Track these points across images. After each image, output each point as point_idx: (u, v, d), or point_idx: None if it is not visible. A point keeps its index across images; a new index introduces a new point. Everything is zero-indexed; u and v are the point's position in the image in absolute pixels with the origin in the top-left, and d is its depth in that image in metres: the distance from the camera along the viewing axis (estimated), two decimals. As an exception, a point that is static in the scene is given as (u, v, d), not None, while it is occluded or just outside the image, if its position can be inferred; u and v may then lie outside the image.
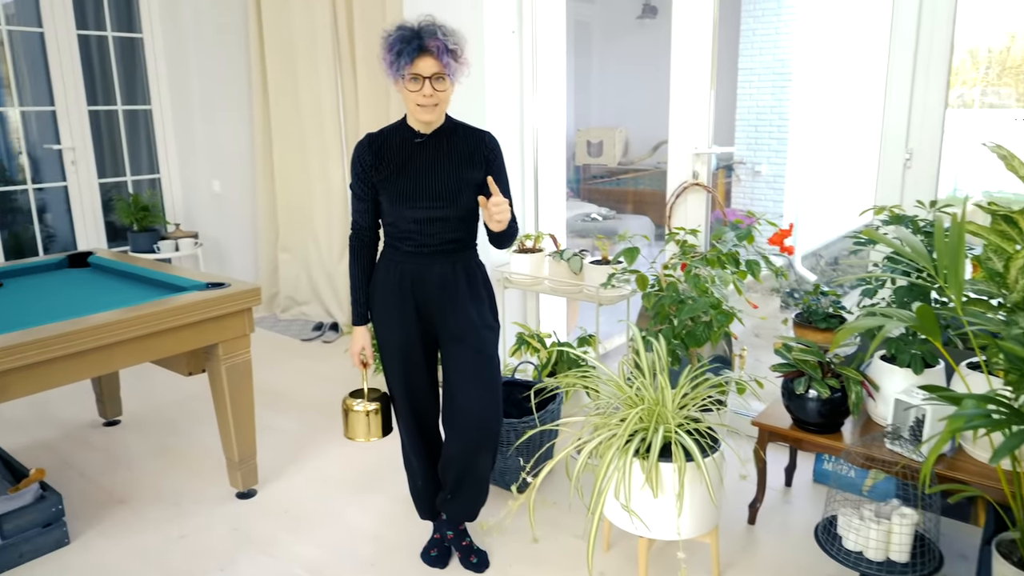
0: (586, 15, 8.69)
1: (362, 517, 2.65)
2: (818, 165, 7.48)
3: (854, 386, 2.29)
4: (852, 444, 2.28)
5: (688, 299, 2.66)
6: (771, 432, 2.48)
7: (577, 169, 9.05)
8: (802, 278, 7.33)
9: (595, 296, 3.19)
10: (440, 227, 2.11)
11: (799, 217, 7.43)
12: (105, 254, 3.18)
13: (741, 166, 7.63)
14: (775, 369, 2.46)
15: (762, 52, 7.29)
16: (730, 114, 7.52)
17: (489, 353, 2.22)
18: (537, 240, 3.58)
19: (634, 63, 8.60)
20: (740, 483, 2.75)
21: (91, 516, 2.66)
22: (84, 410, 3.55)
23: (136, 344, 2.37)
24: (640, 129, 8.75)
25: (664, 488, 2.07)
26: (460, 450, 2.23)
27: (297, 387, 3.88)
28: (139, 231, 4.65)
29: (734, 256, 2.80)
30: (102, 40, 4.70)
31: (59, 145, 4.55)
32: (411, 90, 2.00)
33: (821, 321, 2.57)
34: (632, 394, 2.23)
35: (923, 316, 1.69)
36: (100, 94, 4.75)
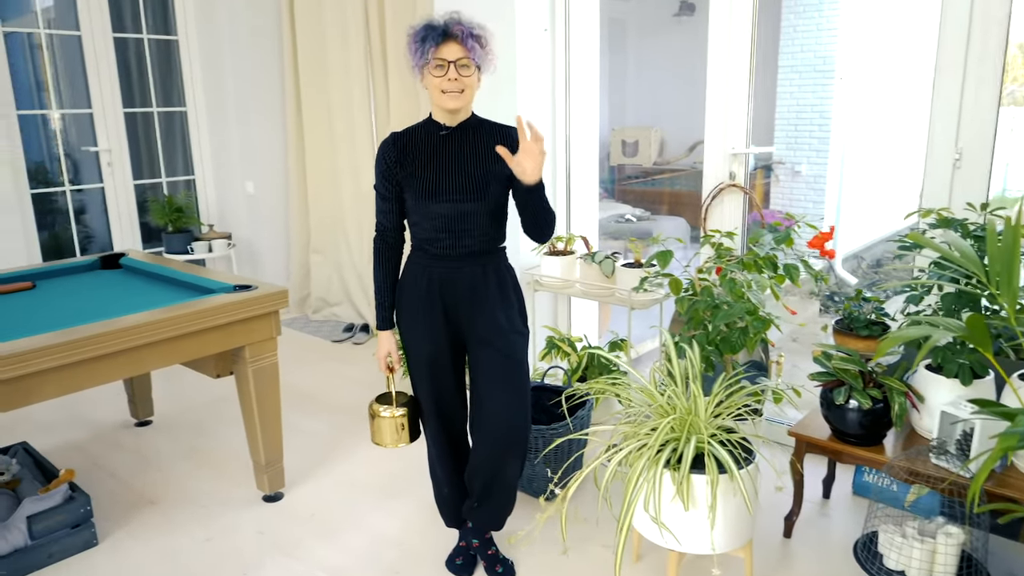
0: (621, 13, 8.58)
1: (388, 523, 2.61)
2: (861, 165, 7.28)
3: (897, 397, 2.18)
4: (895, 458, 2.17)
5: (723, 304, 2.57)
6: (809, 443, 2.39)
7: (612, 169, 8.95)
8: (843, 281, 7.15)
9: (627, 300, 3.11)
10: (469, 223, 2.06)
11: (840, 218, 7.24)
12: (137, 256, 3.20)
13: (780, 166, 7.46)
14: (813, 378, 2.36)
15: (803, 48, 7.11)
16: (769, 113, 7.36)
17: (518, 358, 2.16)
18: (569, 242, 3.52)
19: (671, 61, 8.46)
20: (775, 495, 2.65)
21: (120, 517, 2.68)
22: (116, 411, 3.58)
23: (164, 346, 2.36)
24: (676, 129, 8.60)
25: (696, 501, 1.99)
26: (487, 457, 2.18)
27: (326, 389, 3.87)
28: (173, 232, 4.70)
29: (772, 260, 2.70)
30: (139, 43, 4.76)
31: (96, 147, 4.62)
32: (436, 76, 1.97)
33: (863, 328, 2.47)
34: (664, 402, 2.15)
35: (974, 326, 1.59)
36: (137, 96, 4.82)
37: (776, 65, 7.21)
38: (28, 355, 2.04)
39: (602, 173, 9.01)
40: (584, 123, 3.76)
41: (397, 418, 2.20)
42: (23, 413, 3.57)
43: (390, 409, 2.20)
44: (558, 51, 3.58)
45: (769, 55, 7.25)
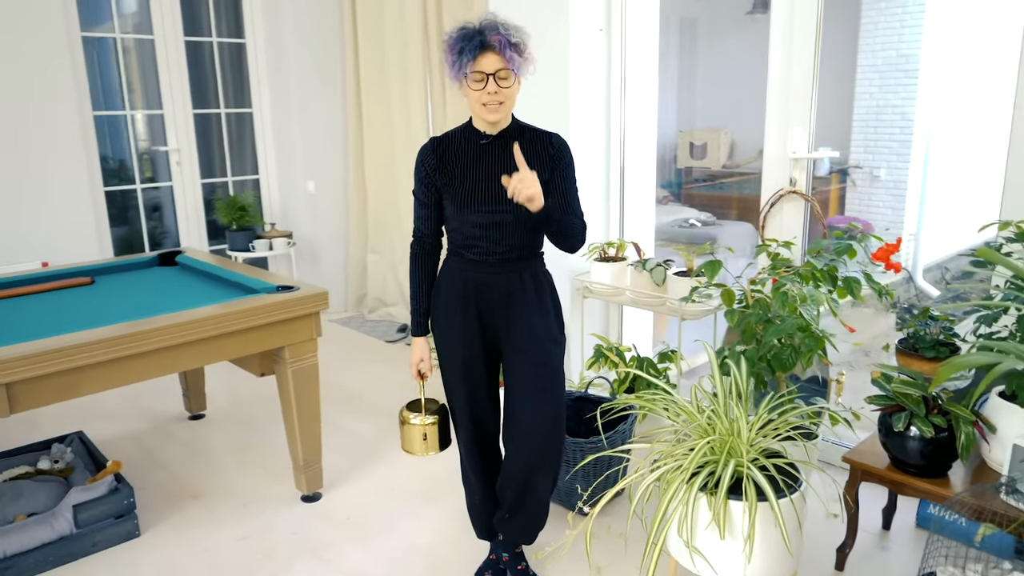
0: (693, 11, 8.37)
1: (420, 530, 2.58)
2: (946, 170, 6.85)
3: (964, 426, 2.00)
4: (959, 493, 1.99)
5: (776, 318, 2.43)
6: (865, 471, 2.22)
7: (679, 172, 8.74)
8: (924, 294, 6.75)
9: (678, 310, 2.99)
10: (506, 232, 2.01)
11: (923, 226, 6.84)
12: (193, 254, 3.28)
13: (857, 170, 7.10)
14: (871, 401, 2.19)
15: (884, 47, 6.75)
16: (846, 114, 7.01)
17: (553, 367, 2.10)
18: (620, 248, 3.42)
19: (743, 61, 8.18)
20: (830, 522, 2.49)
21: (164, 509, 2.74)
22: (175, 403, 3.68)
23: (204, 345, 2.40)
24: (747, 131, 8.32)
25: (733, 529, 1.87)
26: (519, 468, 2.11)
27: (374, 390, 3.88)
28: (236, 230, 4.82)
29: (831, 273, 2.53)
30: (209, 46, 4.91)
31: (166, 147, 4.78)
32: (475, 89, 1.91)
33: (928, 349, 2.28)
34: (703, 422, 2.04)
35: (1045, 355, 1.43)
36: (208, 98, 4.97)
37: (855, 64, 6.87)
38: (68, 351, 2.09)
39: (668, 176, 8.81)
40: (641, 125, 3.65)
41: (427, 426, 2.17)
42: (90, 402, 3.72)
43: (420, 416, 2.17)
44: (614, 52, 3.48)
45: (847, 54, 6.91)
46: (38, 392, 2.10)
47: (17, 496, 2.49)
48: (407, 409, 2.21)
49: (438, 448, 2.20)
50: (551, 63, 3.39)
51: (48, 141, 4.12)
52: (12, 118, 3.99)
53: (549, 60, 3.40)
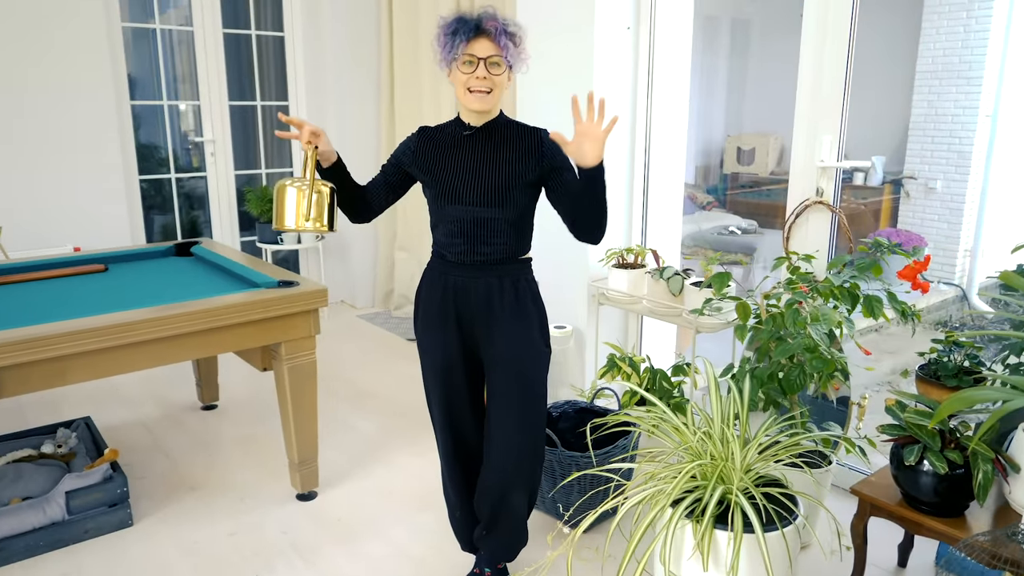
0: (746, 13, 8.12)
1: (410, 537, 2.52)
2: (1008, 183, 6.47)
3: (982, 464, 1.84)
4: (973, 536, 1.83)
5: (788, 336, 2.29)
6: (874, 505, 2.07)
7: (725, 177, 8.50)
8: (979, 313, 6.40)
9: (693, 322, 2.86)
10: (487, 229, 1.93)
11: (980, 241, 6.48)
12: (209, 245, 3.29)
13: (912, 181, 6.77)
14: (883, 430, 2.04)
15: (946, 52, 6.41)
16: (902, 122, 6.70)
17: (532, 380, 2.00)
18: (639, 255, 3.30)
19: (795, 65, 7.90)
20: (840, 556, 2.34)
21: (160, 499, 2.75)
22: (189, 392, 3.72)
23: (199, 337, 2.38)
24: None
25: (718, 560, 1.76)
26: (493, 485, 2.04)
27: (387, 388, 3.85)
28: (266, 222, 4.85)
29: (852, 290, 2.38)
30: (248, 39, 4.96)
31: (201, 138, 4.84)
32: (464, 72, 1.84)
33: (950, 378, 2.11)
34: (694, 444, 1.93)
35: (1057, 395, 1.28)
36: (248, 89, 5.02)
37: (913, 70, 6.55)
38: (59, 338, 2.10)
39: (714, 181, 8.58)
40: (670, 129, 3.51)
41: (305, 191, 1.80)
42: (108, 387, 3.79)
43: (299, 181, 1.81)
44: (642, 51, 3.36)
45: (906, 59, 6.60)
46: (26, 378, 2.11)
47: (17, 479, 2.53)
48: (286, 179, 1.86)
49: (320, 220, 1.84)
50: (576, 61, 3.29)
51: (85, 130, 4.21)
52: (50, 106, 4.09)
53: (574, 58, 3.30)
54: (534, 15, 3.46)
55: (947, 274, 6.53)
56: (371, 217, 2.08)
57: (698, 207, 7.62)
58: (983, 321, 6.32)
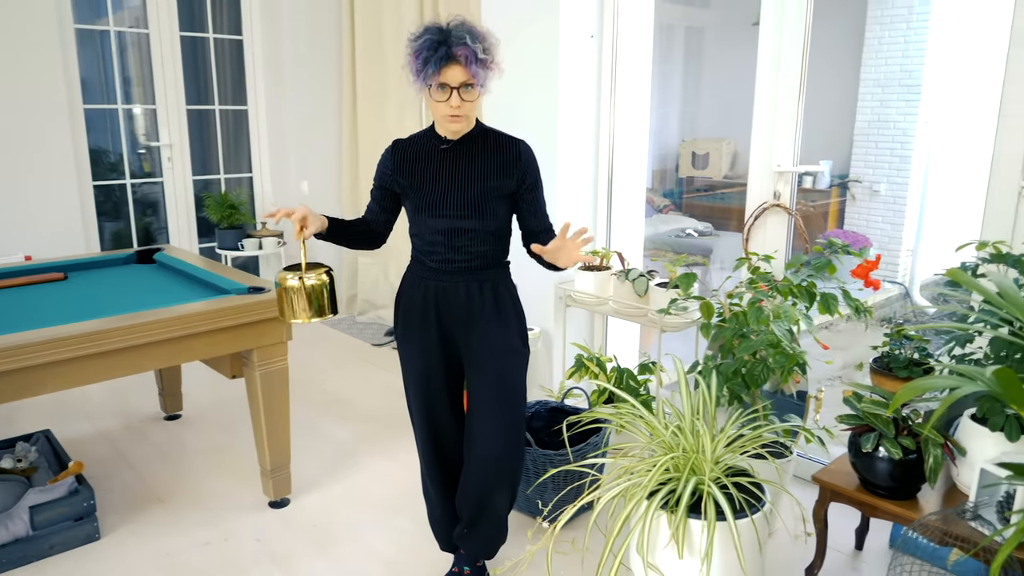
0: (699, 21, 8.33)
1: (386, 541, 2.54)
2: (946, 185, 6.78)
3: (933, 449, 1.95)
4: (925, 516, 1.94)
5: (751, 333, 2.39)
6: (834, 491, 2.17)
7: (680, 181, 8.69)
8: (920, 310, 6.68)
9: (658, 321, 2.95)
10: (466, 240, 1.97)
11: (921, 241, 6.77)
12: (172, 252, 3.25)
13: (857, 184, 7.04)
14: (841, 420, 2.15)
15: (888, 62, 6.69)
16: (847, 128, 6.96)
17: (512, 381, 2.05)
18: (605, 258, 3.38)
19: (747, 72, 8.13)
20: (802, 541, 2.44)
21: (128, 512, 2.71)
22: (151, 403, 3.66)
23: (169, 345, 2.37)
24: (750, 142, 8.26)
25: (692, 548, 1.83)
26: (475, 485, 2.08)
27: (357, 394, 3.85)
28: (226, 228, 4.80)
29: (809, 289, 2.49)
30: (205, 42, 4.90)
31: (158, 142, 4.77)
32: (438, 100, 1.87)
33: (902, 369, 2.23)
34: (667, 438, 2.00)
35: (1004, 381, 1.38)
36: (205, 94, 4.96)
37: (857, 78, 6.81)
38: (27, 348, 2.06)
39: (670, 185, 8.76)
40: (632, 134, 3.60)
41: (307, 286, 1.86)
42: (66, 399, 3.70)
43: (298, 275, 1.87)
44: (605, 59, 3.45)
45: (851, 68, 6.86)
46: (-5, 389, 2.08)
47: (-22, 493, 2.46)
48: (284, 271, 1.91)
49: (325, 311, 1.90)
50: (540, 69, 3.36)
51: (36, 134, 4.11)
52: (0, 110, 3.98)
53: (538, 66, 3.37)
54: (499, 23, 3.51)
55: (891, 273, 6.81)
56: (383, 241, 2.14)
57: (655, 210, 7.78)
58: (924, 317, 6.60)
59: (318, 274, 1.87)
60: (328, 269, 1.92)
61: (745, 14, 8.01)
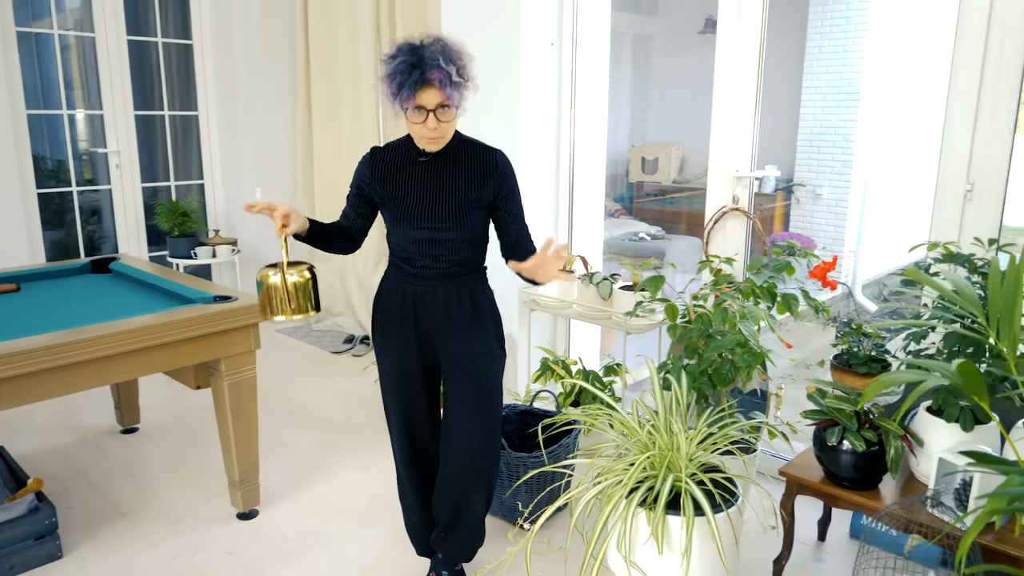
0: (648, 29, 8.51)
1: (359, 548, 2.53)
2: (884, 189, 7.08)
3: (893, 441, 2.05)
4: (889, 505, 2.04)
5: (717, 334, 2.46)
6: (800, 484, 2.26)
7: (631, 186, 8.85)
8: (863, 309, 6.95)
9: (623, 324, 3.01)
10: (444, 249, 1.99)
11: (861, 243, 7.05)
12: (128, 261, 3.17)
13: (801, 188, 7.29)
14: (806, 416, 2.23)
15: (828, 70, 6.96)
16: (791, 134, 7.21)
17: (490, 385, 2.07)
18: (568, 262, 3.42)
19: (694, 79, 8.35)
20: (766, 535, 2.53)
21: (90, 528, 2.62)
22: (105, 417, 3.55)
23: (136, 356, 2.31)
24: (697, 147, 8.47)
25: (671, 543, 1.88)
26: (452, 489, 2.09)
27: (318, 402, 3.81)
28: (178, 236, 4.69)
29: (770, 289, 2.58)
30: (154, 46, 4.78)
31: (105, 149, 4.63)
32: (414, 122, 1.87)
33: (861, 365, 2.34)
34: (643, 437, 2.05)
35: (966, 374, 1.47)
36: (152, 99, 4.83)
37: (800, 86, 7.07)
38: (-12, 362, 1.99)
39: (621, 190, 8.91)
40: (591, 140, 3.67)
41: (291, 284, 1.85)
42: (15, 415, 3.56)
43: (281, 273, 1.85)
44: (565, 66, 3.51)
45: (793, 76, 7.11)
46: (-48, 405, 1.99)
47: (-71, 515, 2.35)
48: (267, 268, 1.89)
49: (307, 309, 1.89)
50: (502, 77, 3.39)
51: (-23, 141, 3.96)
52: (-62, 116, 3.82)
53: (500, 74, 3.40)
54: (461, 32, 3.53)
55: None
56: (358, 246, 2.12)
57: (608, 215, 7.90)
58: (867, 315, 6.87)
59: (300, 271, 1.87)
60: (310, 266, 1.91)
61: (691, 22, 8.23)
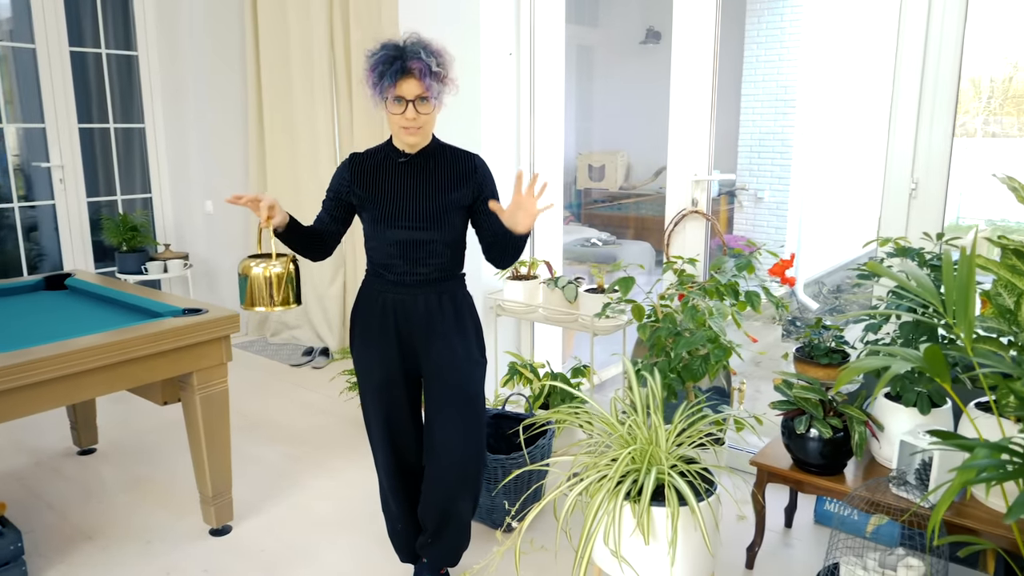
0: (590, 40, 8.68)
1: (339, 558, 2.52)
2: (821, 192, 7.40)
3: (857, 426, 2.17)
4: (856, 488, 2.15)
5: (685, 331, 2.55)
6: (770, 472, 2.36)
7: (578, 193, 8.99)
8: (804, 307, 7.23)
9: (590, 326, 3.08)
10: (425, 251, 2.02)
11: (801, 244, 7.34)
12: (84, 276, 3.08)
13: (744, 192, 7.55)
14: (774, 407, 2.34)
15: (765, 78, 7.24)
16: (732, 140, 7.46)
17: (473, 391, 2.10)
18: (532, 267, 3.49)
19: (637, 88, 8.57)
20: (737, 524, 2.62)
21: (55, 553, 2.54)
22: (59, 438, 3.43)
23: (108, 372, 2.26)
24: (642, 154, 8.69)
25: (656, 534, 1.95)
26: (439, 494, 2.11)
27: (281, 415, 3.76)
28: (127, 251, 4.56)
29: (733, 287, 2.69)
30: (97, 57, 4.65)
31: (48, 163, 4.48)
32: (394, 112, 1.92)
33: (823, 356, 2.46)
34: (624, 432, 2.11)
35: (931, 357, 1.58)
36: (94, 112, 4.69)
37: (739, 94, 7.33)
38: (-45, 382, 1.92)
39: (569, 197, 9.04)
40: (549, 147, 3.75)
41: (274, 275, 1.89)
42: (-41, 440, 3.41)
43: (265, 264, 1.89)
44: (523, 75, 3.57)
45: (732, 84, 7.37)
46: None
47: None
48: (249, 259, 1.92)
49: (289, 300, 1.93)
50: (463, 86, 3.42)
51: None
52: None
53: (462, 82, 3.43)
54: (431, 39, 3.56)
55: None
56: (330, 253, 2.12)
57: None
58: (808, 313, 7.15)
59: (284, 262, 1.88)
60: (293, 258, 1.92)
61: (632, 33, 8.45)
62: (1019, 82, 8.22)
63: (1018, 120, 9.08)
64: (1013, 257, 1.93)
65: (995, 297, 1.94)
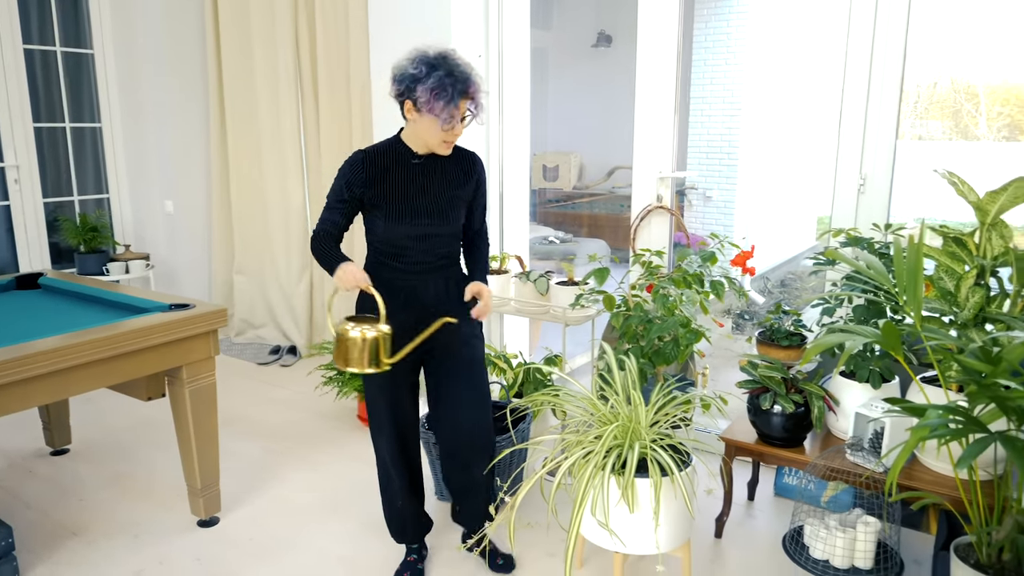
0: (542, 42, 8.86)
1: (330, 541, 2.59)
2: (766, 191, 7.73)
3: (816, 401, 2.37)
4: (816, 457, 2.35)
5: (656, 319, 2.71)
6: (738, 447, 2.54)
7: (533, 193, 9.16)
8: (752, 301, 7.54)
9: (562, 317, 3.22)
10: (434, 243, 2.16)
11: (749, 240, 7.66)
12: (57, 275, 3.07)
13: (693, 191, 7.83)
14: (741, 386, 2.52)
15: (713, 81, 7.53)
16: (683, 141, 7.74)
17: (480, 363, 2.29)
18: (503, 261, 3.61)
19: (589, 90, 8.78)
20: (705, 498, 2.80)
21: (42, 549, 2.54)
22: (30, 438, 3.40)
23: (93, 368, 2.28)
24: (595, 154, 8.91)
25: (639, 503, 2.09)
26: (458, 458, 2.29)
27: (255, 412, 3.79)
28: (86, 252, 4.51)
29: (699, 277, 2.87)
30: (49, 55, 4.58)
31: (2, 163, 4.39)
32: (446, 129, 2.02)
33: (783, 339, 2.65)
34: (607, 411, 2.25)
35: (888, 333, 1.77)
36: (45, 111, 4.61)
37: (688, 96, 7.60)
38: (-45, 376, 1.94)
39: (524, 197, 9.20)
40: (516, 146, 3.88)
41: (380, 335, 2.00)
42: (-78, 445, 3.34)
43: (364, 327, 2.00)
44: (491, 77, 3.70)
45: (682, 86, 7.63)
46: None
47: None
48: (348, 321, 2.03)
49: (381, 363, 2.03)
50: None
51: None
52: None
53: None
54: (390, 42, 3.65)
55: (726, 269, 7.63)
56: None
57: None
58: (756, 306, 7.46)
59: (378, 327, 2.00)
60: (390, 330, 2.03)
61: (584, 36, 8.65)
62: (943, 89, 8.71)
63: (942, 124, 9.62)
64: (953, 244, 2.15)
65: (937, 281, 2.16)
